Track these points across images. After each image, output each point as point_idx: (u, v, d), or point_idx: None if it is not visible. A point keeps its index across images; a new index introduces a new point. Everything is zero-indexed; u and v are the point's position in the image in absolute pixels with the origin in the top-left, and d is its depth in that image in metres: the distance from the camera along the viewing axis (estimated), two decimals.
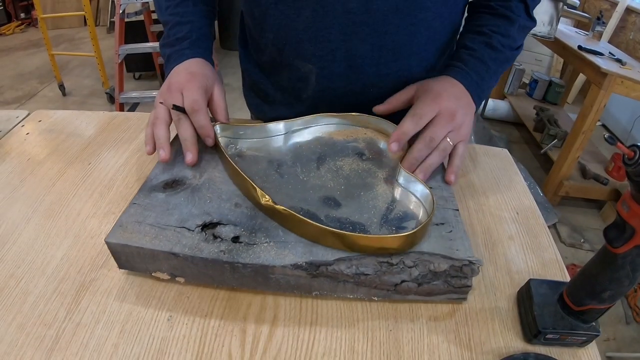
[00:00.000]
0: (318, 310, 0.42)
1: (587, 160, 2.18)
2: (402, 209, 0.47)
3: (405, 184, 0.49)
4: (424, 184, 0.47)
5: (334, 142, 0.57)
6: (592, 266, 0.37)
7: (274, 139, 0.56)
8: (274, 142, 0.56)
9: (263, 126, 0.56)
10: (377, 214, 0.45)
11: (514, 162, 0.66)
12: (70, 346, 0.37)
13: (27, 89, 2.91)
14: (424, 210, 0.46)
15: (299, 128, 0.57)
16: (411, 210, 0.47)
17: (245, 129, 0.55)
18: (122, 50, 2.24)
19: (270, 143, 0.56)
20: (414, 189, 0.48)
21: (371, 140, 0.58)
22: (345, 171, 0.52)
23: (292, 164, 0.52)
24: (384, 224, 0.44)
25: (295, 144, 0.56)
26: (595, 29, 2.24)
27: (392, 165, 0.53)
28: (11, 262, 0.44)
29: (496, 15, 0.61)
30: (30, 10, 4.10)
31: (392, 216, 0.45)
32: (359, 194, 0.48)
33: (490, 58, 0.59)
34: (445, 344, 0.40)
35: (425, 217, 0.45)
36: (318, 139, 0.57)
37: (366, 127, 0.59)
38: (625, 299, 1.61)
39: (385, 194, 0.49)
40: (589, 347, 0.40)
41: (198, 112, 0.51)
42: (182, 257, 0.39)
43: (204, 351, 0.38)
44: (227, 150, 0.53)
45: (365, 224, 0.44)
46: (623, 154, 0.30)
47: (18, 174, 0.57)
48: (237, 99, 2.69)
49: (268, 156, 0.54)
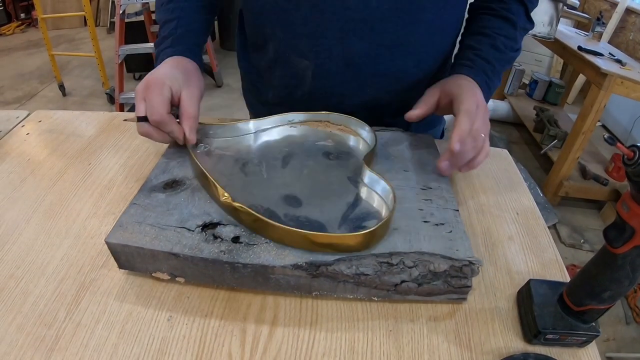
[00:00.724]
0: (318, 310, 0.42)
1: (587, 161, 2.18)
2: (365, 208, 0.46)
3: (370, 184, 0.48)
4: (386, 181, 0.46)
5: (302, 142, 0.57)
6: (592, 266, 0.37)
7: (243, 138, 0.56)
8: (243, 141, 0.56)
9: (233, 125, 0.56)
10: (338, 213, 0.45)
11: (514, 162, 0.66)
12: (70, 346, 0.37)
13: (27, 89, 2.91)
14: (386, 208, 0.45)
15: (268, 127, 0.57)
16: (374, 208, 0.46)
17: (216, 128, 0.55)
18: (122, 50, 2.24)
19: (239, 142, 0.56)
20: (377, 187, 0.47)
21: (340, 139, 0.57)
22: (311, 170, 0.51)
23: (258, 163, 0.52)
24: (344, 223, 0.44)
25: (264, 143, 0.56)
26: (595, 30, 2.24)
27: (358, 165, 0.52)
28: (11, 262, 0.44)
29: (498, 17, 0.61)
30: (30, 11, 4.10)
31: (353, 215, 0.45)
32: (322, 193, 0.48)
33: (495, 59, 0.59)
34: (445, 344, 0.40)
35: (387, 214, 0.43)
36: (287, 138, 0.57)
37: (336, 125, 0.59)
38: (625, 299, 1.61)
39: (348, 193, 0.48)
40: (589, 347, 0.40)
41: (161, 123, 0.50)
42: (182, 257, 0.40)
43: (204, 351, 0.38)
44: (197, 149, 0.53)
45: (325, 222, 0.44)
46: (623, 154, 0.30)
47: (18, 174, 0.57)
48: (237, 100, 2.68)
49: (235, 155, 0.53)
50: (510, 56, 0.61)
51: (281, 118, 0.58)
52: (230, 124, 0.56)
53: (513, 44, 0.61)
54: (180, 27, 0.59)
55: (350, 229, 0.43)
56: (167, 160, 0.52)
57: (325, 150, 0.55)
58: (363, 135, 0.57)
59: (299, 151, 0.55)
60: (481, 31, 0.61)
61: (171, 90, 0.51)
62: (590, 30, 2.28)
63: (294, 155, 0.54)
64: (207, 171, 0.45)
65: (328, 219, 0.44)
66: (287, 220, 0.43)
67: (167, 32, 0.58)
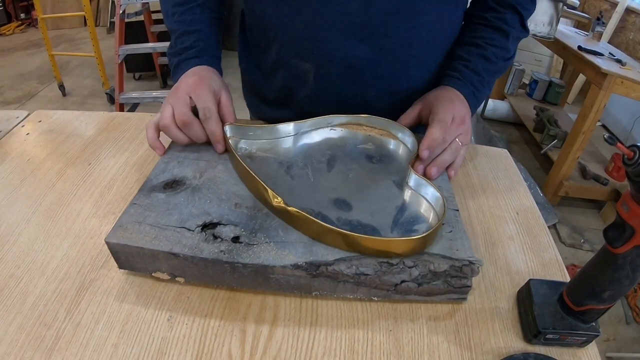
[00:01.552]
0: (318, 310, 0.42)
1: (587, 161, 2.18)
2: (413, 212, 0.47)
3: (415, 187, 0.49)
4: (435, 187, 0.47)
5: (344, 144, 0.57)
6: (592, 266, 0.37)
7: (283, 140, 0.56)
8: (283, 143, 0.56)
9: (273, 127, 0.56)
10: (389, 217, 0.45)
11: (514, 162, 0.66)
12: (70, 346, 0.37)
13: (27, 89, 2.91)
14: (434, 214, 0.46)
15: (308, 129, 0.57)
16: (422, 213, 0.47)
17: (255, 129, 0.55)
18: (122, 50, 2.24)
19: (280, 144, 0.56)
20: (425, 192, 0.48)
21: (380, 143, 0.58)
22: (356, 174, 0.52)
23: (303, 166, 0.52)
24: (395, 227, 0.44)
25: (305, 145, 0.56)
26: (595, 30, 2.24)
27: (402, 168, 0.53)
28: (11, 262, 0.44)
29: (491, 27, 0.61)
30: (30, 11, 4.11)
31: (403, 219, 0.45)
32: (369, 196, 0.48)
33: (484, 69, 0.60)
34: (445, 344, 0.40)
35: (435, 221, 0.45)
36: (327, 141, 0.57)
37: (375, 128, 0.59)
38: (625, 299, 1.61)
39: (395, 197, 0.48)
40: (589, 347, 0.40)
41: (210, 119, 0.51)
42: (182, 257, 0.39)
43: (204, 351, 0.38)
44: (237, 151, 0.52)
45: (377, 226, 0.44)
46: (623, 154, 0.30)
47: (18, 174, 0.57)
48: (237, 99, 2.68)
49: (278, 157, 0.53)
50: (501, 66, 0.62)
51: (321, 120, 0.58)
52: (270, 125, 0.55)
53: (505, 54, 0.62)
54: (202, 40, 0.60)
55: (402, 232, 0.43)
56: (167, 160, 0.51)
57: (367, 153, 0.55)
58: (404, 139, 0.57)
59: (341, 154, 0.55)
60: (472, 42, 0.62)
61: (214, 90, 0.54)
62: (590, 30, 2.28)
63: (338, 159, 0.54)
64: (255, 174, 0.45)
65: (380, 223, 0.44)
66: (340, 224, 0.44)
67: (189, 44, 0.59)
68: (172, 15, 0.62)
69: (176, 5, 0.62)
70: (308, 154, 0.55)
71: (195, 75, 0.55)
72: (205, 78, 0.54)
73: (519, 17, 0.61)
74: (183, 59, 0.59)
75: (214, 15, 0.64)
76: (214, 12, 0.64)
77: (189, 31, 0.60)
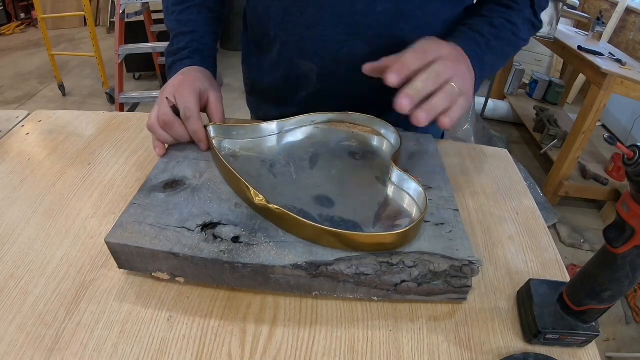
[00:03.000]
0: (318, 310, 0.42)
1: (587, 161, 2.18)
2: (396, 207, 0.47)
3: (398, 183, 0.49)
4: (417, 182, 0.46)
5: (327, 142, 0.57)
6: (592, 266, 0.37)
7: (267, 139, 0.56)
8: (267, 141, 0.56)
9: (256, 126, 0.56)
10: (371, 213, 0.45)
11: (514, 162, 0.66)
12: (70, 346, 0.37)
13: (27, 89, 2.91)
14: (417, 208, 0.46)
15: (291, 127, 0.57)
16: (404, 208, 0.47)
17: (239, 129, 0.55)
18: (122, 50, 2.23)
19: (263, 143, 0.56)
20: (407, 187, 0.48)
21: (363, 139, 0.58)
22: (339, 170, 0.52)
23: (286, 164, 0.52)
24: (377, 222, 0.44)
25: (289, 143, 0.56)
26: (595, 29, 2.24)
27: (385, 164, 0.53)
28: (11, 262, 0.44)
29: (500, 4, 0.59)
30: (30, 11, 4.10)
31: (386, 214, 0.46)
32: (352, 192, 0.48)
33: (489, 33, 0.55)
34: (445, 344, 0.40)
35: (418, 215, 0.44)
36: (311, 138, 0.57)
37: (359, 125, 0.59)
38: (625, 299, 1.61)
39: (378, 192, 0.49)
40: (589, 347, 0.40)
41: (190, 118, 0.51)
42: (182, 257, 0.39)
43: (204, 351, 0.38)
44: (221, 150, 0.53)
45: (359, 222, 0.44)
46: (623, 154, 0.30)
47: (18, 174, 0.57)
48: (237, 99, 2.68)
49: (261, 156, 0.54)
50: (511, 37, 0.57)
51: (304, 118, 0.58)
52: (253, 124, 0.56)
53: (514, 28, 0.57)
54: (196, 40, 0.60)
55: (384, 227, 0.44)
56: (167, 160, 0.52)
57: (351, 150, 0.56)
58: (387, 135, 0.57)
59: (324, 151, 0.55)
60: (480, 14, 0.59)
61: (200, 89, 0.54)
62: (590, 30, 2.28)
63: (321, 156, 0.54)
64: (237, 173, 0.45)
65: (362, 218, 0.45)
66: (322, 220, 0.44)
67: (183, 45, 0.60)
68: (172, 14, 0.62)
69: (175, 4, 0.62)
70: (291, 152, 0.55)
71: (181, 75, 0.55)
72: (190, 78, 0.55)
73: (531, 2, 0.58)
74: (177, 59, 0.59)
75: (211, 15, 0.64)
76: (212, 11, 0.64)
77: (184, 32, 0.60)
